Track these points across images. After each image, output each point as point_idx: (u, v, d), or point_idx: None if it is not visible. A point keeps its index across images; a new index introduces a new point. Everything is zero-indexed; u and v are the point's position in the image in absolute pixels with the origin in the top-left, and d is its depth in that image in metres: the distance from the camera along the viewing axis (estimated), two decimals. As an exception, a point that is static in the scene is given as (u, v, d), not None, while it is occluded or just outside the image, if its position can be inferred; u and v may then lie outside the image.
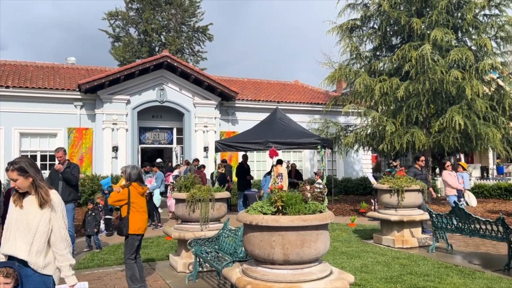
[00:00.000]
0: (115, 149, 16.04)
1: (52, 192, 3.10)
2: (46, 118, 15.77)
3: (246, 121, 18.08)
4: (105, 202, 9.90)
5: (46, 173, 13.26)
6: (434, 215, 7.81)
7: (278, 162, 11.96)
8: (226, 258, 5.34)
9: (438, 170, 22.68)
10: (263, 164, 18.97)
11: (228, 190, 7.81)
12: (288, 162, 16.47)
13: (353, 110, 16.27)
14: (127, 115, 16.39)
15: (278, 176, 11.15)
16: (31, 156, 15.49)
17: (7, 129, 15.25)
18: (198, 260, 5.98)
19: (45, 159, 15.87)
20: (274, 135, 12.63)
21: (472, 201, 11.24)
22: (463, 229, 7.28)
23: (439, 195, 17.59)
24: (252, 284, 3.52)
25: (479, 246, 8.40)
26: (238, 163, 15.24)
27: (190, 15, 31.43)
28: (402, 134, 13.61)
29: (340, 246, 8.28)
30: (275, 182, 10.62)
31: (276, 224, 3.45)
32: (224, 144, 13.26)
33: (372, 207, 12.83)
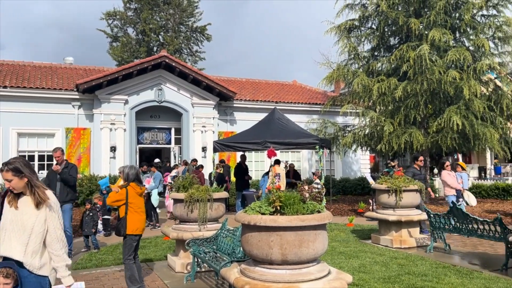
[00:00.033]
0: (113, 149, 16.02)
1: (48, 192, 3.09)
2: (44, 118, 15.74)
3: (244, 121, 18.08)
4: (103, 202, 9.88)
5: (44, 173, 13.23)
6: (432, 215, 7.82)
7: (276, 162, 11.97)
8: (224, 258, 5.34)
9: (436, 170, 22.73)
10: (261, 164, 18.98)
11: (226, 190, 7.81)
12: (286, 162, 16.48)
13: (351, 110, 16.28)
14: (125, 115, 16.37)
15: (276, 176, 11.14)
16: (28, 156, 15.48)
17: (4, 129, 15.20)
18: (196, 260, 5.98)
19: (43, 159, 15.82)
20: (272, 135, 12.63)
21: (471, 200, 11.26)
22: (461, 229, 7.29)
23: (437, 195, 17.62)
24: (250, 284, 3.52)
25: (477, 246, 8.42)
26: (236, 163, 15.25)
27: (188, 15, 31.42)
28: (400, 134, 13.62)
29: (338, 246, 8.29)
30: (273, 182, 10.61)
31: (274, 224, 3.45)
32: (222, 144, 13.26)
33: (370, 207, 12.84)
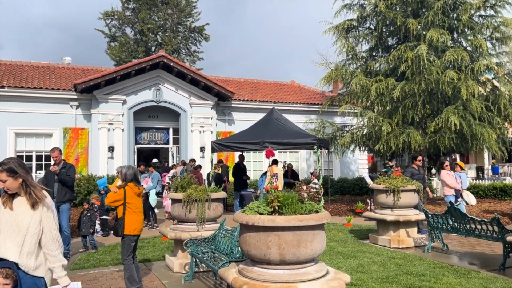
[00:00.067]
0: (111, 149, 16.00)
1: (44, 192, 3.08)
2: (42, 118, 15.69)
3: (243, 121, 18.08)
4: (101, 203, 9.87)
5: (42, 173, 13.20)
6: (429, 215, 7.83)
7: (274, 162, 11.97)
8: (222, 258, 5.33)
9: (434, 170, 22.77)
10: (259, 164, 18.98)
11: (225, 191, 7.81)
12: (285, 162, 16.49)
13: (349, 111, 16.29)
14: (123, 115, 16.35)
15: (273, 176, 11.16)
16: (26, 156, 15.45)
17: (2, 129, 15.14)
18: (194, 260, 5.97)
19: (40, 159, 15.79)
20: (271, 135, 12.64)
21: (471, 200, 11.29)
22: (459, 229, 7.31)
23: (435, 195, 17.65)
24: (248, 284, 3.52)
25: (474, 246, 8.44)
26: (235, 163, 15.24)
27: (187, 15, 31.40)
28: (398, 135, 13.64)
29: (336, 246, 8.30)
30: (271, 182, 10.61)
31: (272, 224, 3.44)
32: (221, 144, 13.26)
33: (368, 207, 12.85)
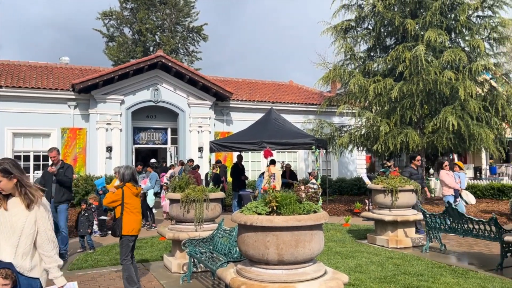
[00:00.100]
0: (109, 149, 15.97)
1: (40, 192, 3.07)
2: (40, 118, 15.66)
3: (241, 121, 18.08)
4: (99, 203, 9.85)
5: (39, 173, 13.18)
6: (427, 215, 7.84)
7: (272, 162, 11.97)
8: (220, 258, 5.33)
9: (432, 170, 22.81)
10: (257, 165, 18.98)
11: (223, 191, 7.80)
12: (283, 163, 16.50)
13: (347, 111, 16.30)
14: (121, 115, 16.33)
15: (271, 177, 11.17)
16: (24, 157, 15.42)
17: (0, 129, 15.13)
18: (192, 260, 5.97)
19: (38, 159, 15.75)
20: (269, 135, 12.64)
21: (470, 199, 11.34)
22: (457, 229, 7.32)
23: (433, 195, 17.67)
24: (246, 284, 3.52)
25: (472, 246, 8.46)
26: (233, 163, 15.24)
27: (185, 15, 31.39)
28: (396, 135, 13.66)
29: (334, 246, 8.30)
30: (268, 182, 10.63)
31: (270, 224, 3.44)
32: (219, 145, 13.25)
33: (366, 207, 12.86)
